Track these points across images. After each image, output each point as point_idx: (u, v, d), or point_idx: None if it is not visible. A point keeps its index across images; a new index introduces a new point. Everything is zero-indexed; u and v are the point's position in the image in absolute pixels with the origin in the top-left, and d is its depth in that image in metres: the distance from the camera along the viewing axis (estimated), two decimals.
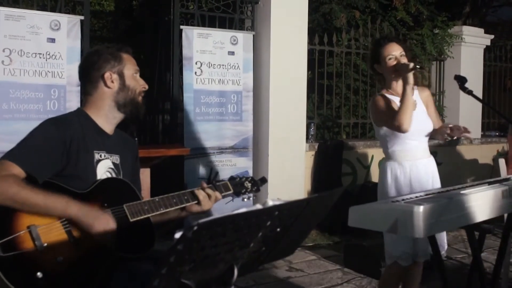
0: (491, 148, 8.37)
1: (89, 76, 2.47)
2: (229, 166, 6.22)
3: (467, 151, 8.20)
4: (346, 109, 7.67)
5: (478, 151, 8.22)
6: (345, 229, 4.24)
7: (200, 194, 2.44)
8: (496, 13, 12.57)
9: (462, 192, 2.60)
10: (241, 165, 6.31)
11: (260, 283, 4.76)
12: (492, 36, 8.80)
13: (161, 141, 6.86)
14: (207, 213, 2.41)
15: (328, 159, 6.73)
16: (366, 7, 8.15)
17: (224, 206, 2.53)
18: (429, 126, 3.47)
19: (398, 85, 3.43)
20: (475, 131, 8.52)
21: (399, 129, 3.26)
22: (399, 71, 3.34)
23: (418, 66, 3.38)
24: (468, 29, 8.58)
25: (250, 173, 6.30)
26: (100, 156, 2.42)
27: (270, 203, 1.67)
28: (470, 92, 3.11)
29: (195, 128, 6.06)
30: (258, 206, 1.64)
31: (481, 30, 8.74)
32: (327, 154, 6.74)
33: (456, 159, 8.03)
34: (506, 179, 3.02)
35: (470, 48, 8.50)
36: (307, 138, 6.85)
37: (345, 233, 6.00)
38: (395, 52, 3.41)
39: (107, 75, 2.45)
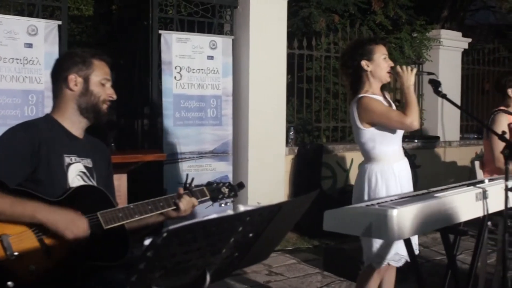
0: (469, 150, 8.45)
1: (56, 77, 2.49)
2: (209, 171, 6.20)
3: (446, 154, 8.27)
4: (325, 113, 7.70)
5: (456, 153, 8.29)
6: (325, 232, 4.24)
7: (176, 200, 2.44)
8: (474, 17, 12.72)
9: (436, 195, 2.63)
10: (221, 169, 6.30)
11: (240, 287, 4.75)
12: (470, 40, 8.88)
13: (140, 146, 6.84)
14: (185, 218, 2.40)
15: (307, 163, 6.75)
16: (345, 11, 8.19)
17: (204, 211, 2.53)
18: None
19: (377, 86, 3.45)
20: (454, 133, 8.60)
21: (411, 126, 3.25)
22: (400, 73, 3.34)
23: (423, 73, 3.41)
24: (446, 32, 8.66)
25: (230, 178, 6.30)
26: (71, 159, 2.41)
27: (242, 208, 1.67)
28: (444, 96, 3.13)
29: (174, 133, 6.05)
30: (229, 212, 1.64)
31: (459, 34, 8.82)
32: (306, 158, 6.76)
33: (435, 162, 8.09)
34: (481, 182, 3.05)
35: (448, 51, 8.58)
36: (287, 142, 6.86)
37: (325, 237, 6.01)
38: (386, 53, 3.46)
39: (71, 77, 2.44)
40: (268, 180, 6.37)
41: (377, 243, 3.32)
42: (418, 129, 3.51)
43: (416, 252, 3.47)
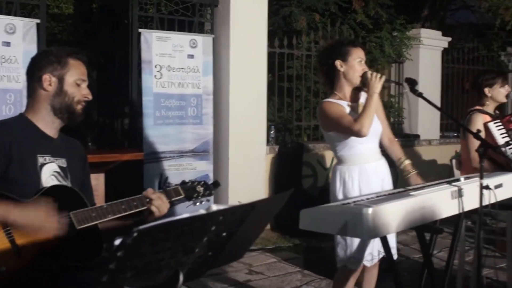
0: (449, 148, 8.49)
1: (30, 76, 2.46)
2: (189, 170, 6.19)
3: (426, 152, 8.32)
4: (307, 112, 7.71)
5: (437, 151, 8.35)
6: (306, 231, 4.25)
7: (151, 199, 2.42)
8: (454, 16, 12.81)
9: (411, 193, 2.64)
10: (201, 168, 6.28)
11: (220, 286, 4.75)
12: (450, 39, 8.95)
13: (120, 145, 6.80)
14: (162, 217, 2.39)
15: (288, 162, 6.76)
16: (325, 10, 8.21)
17: (185, 210, 2.51)
18: (379, 129, 3.50)
19: (349, 89, 3.46)
20: (434, 132, 8.66)
21: (359, 133, 3.25)
22: (368, 79, 3.35)
23: (391, 82, 3.46)
24: (426, 31, 8.71)
25: (211, 177, 6.30)
26: (45, 159, 2.38)
27: (214, 208, 1.67)
28: (420, 95, 3.15)
29: (154, 132, 6.03)
30: (202, 211, 1.63)
31: (439, 33, 8.88)
32: (287, 157, 6.77)
33: (415, 160, 8.04)
34: (456, 180, 3.07)
35: (428, 50, 8.63)
36: (268, 141, 6.87)
37: (306, 235, 6.00)
38: (363, 57, 3.47)
39: (45, 77, 2.41)
40: (249, 179, 6.38)
41: (349, 243, 3.32)
42: (398, 128, 3.53)
43: (395, 256, 3.48)
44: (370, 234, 2.30)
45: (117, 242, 1.43)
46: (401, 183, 3.61)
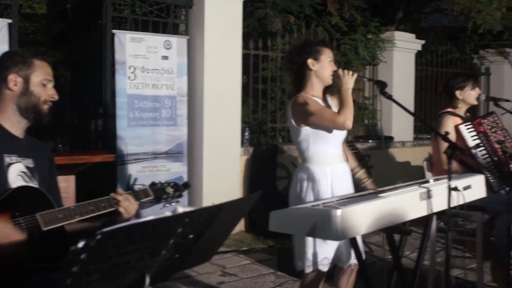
0: (423, 150, 8.57)
1: None
2: (163, 172, 6.16)
3: (400, 154, 8.39)
4: (281, 113, 7.72)
5: (410, 153, 8.42)
6: (280, 232, 4.27)
7: (118, 200, 2.41)
8: (429, 19, 12.92)
9: (380, 195, 2.66)
10: (175, 170, 6.27)
11: None
12: (423, 41, 9.03)
13: (94, 146, 6.75)
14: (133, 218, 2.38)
15: (263, 163, 6.78)
16: (300, 12, 8.24)
17: (159, 212, 2.50)
18: (344, 132, 3.51)
19: (319, 88, 3.49)
20: (408, 134, 8.73)
21: (343, 124, 3.26)
22: (341, 76, 3.37)
23: (362, 79, 3.50)
24: (399, 34, 8.78)
25: (185, 178, 6.28)
26: (11, 159, 2.37)
27: (180, 210, 1.67)
28: (390, 97, 3.18)
29: (128, 133, 5.99)
30: (167, 213, 1.63)
31: (413, 36, 8.96)
32: (262, 158, 6.79)
33: (388, 162, 8.21)
34: (426, 181, 3.10)
35: (402, 53, 8.71)
36: (242, 143, 6.87)
37: (280, 237, 6.00)
38: (332, 57, 3.49)
39: (10, 77, 2.40)
40: (223, 180, 6.37)
41: (307, 247, 3.31)
42: (373, 129, 3.56)
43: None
44: (339, 235, 2.31)
45: (80, 244, 1.42)
46: (378, 186, 3.63)
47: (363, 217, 2.45)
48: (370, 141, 8.08)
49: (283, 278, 5.00)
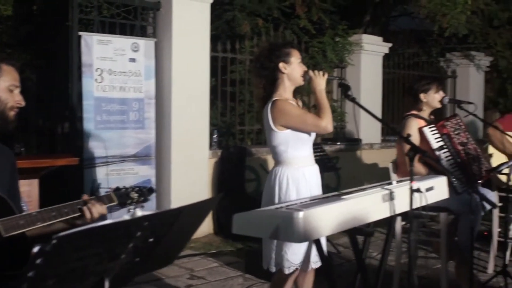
0: (390, 152, 8.64)
1: None
2: (131, 175, 6.13)
3: (368, 156, 8.46)
4: (250, 116, 7.74)
5: (378, 155, 8.49)
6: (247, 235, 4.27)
7: (82, 206, 2.39)
8: (397, 23, 13.08)
9: (343, 197, 2.68)
10: (143, 173, 6.23)
11: None
12: (391, 44, 9.12)
13: (61, 150, 6.68)
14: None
15: (231, 166, 6.78)
16: (268, 15, 8.27)
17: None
18: (314, 134, 3.55)
19: (291, 90, 3.51)
20: (375, 136, 8.81)
21: (326, 128, 3.31)
22: (312, 77, 3.39)
23: (336, 78, 3.55)
24: (367, 37, 8.86)
25: (153, 182, 6.26)
26: None
27: (139, 213, 1.66)
28: (353, 99, 3.21)
29: (95, 137, 5.95)
30: (126, 217, 1.63)
31: (380, 39, 9.04)
32: (230, 161, 6.79)
33: (356, 164, 8.27)
34: (389, 183, 3.14)
35: (370, 55, 8.78)
36: (211, 145, 6.87)
37: (248, 239, 6.02)
38: (300, 58, 3.52)
39: None
40: (192, 183, 6.36)
41: (275, 248, 3.34)
42: (341, 132, 3.60)
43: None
44: (301, 237, 2.32)
45: (36, 249, 1.41)
46: (342, 187, 3.67)
47: (325, 219, 2.47)
48: (339, 143, 8.14)
49: (251, 281, 5.00)
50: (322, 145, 6.79)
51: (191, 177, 6.40)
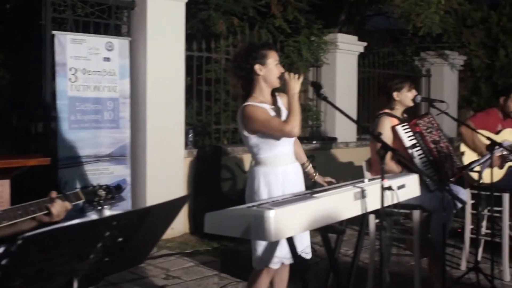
0: (366, 151, 8.66)
1: None
2: (106, 175, 6.10)
3: (344, 154, 8.51)
4: (226, 115, 7.73)
5: (354, 154, 8.54)
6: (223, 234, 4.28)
7: (48, 204, 2.38)
8: (373, 22, 13.16)
9: (315, 195, 2.70)
10: (118, 173, 6.20)
11: None
12: (365, 44, 9.18)
13: (34, 150, 6.62)
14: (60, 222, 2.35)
15: (207, 165, 6.77)
16: (244, 14, 8.27)
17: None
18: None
19: (268, 92, 3.51)
20: (351, 134, 8.86)
21: (291, 133, 3.30)
22: (287, 80, 3.39)
23: (309, 82, 3.57)
24: (342, 36, 8.91)
25: (128, 181, 6.23)
26: None
27: (107, 213, 1.66)
28: (324, 98, 3.23)
29: (69, 136, 5.91)
30: (94, 217, 1.62)
31: (355, 38, 9.09)
32: (206, 160, 6.78)
33: (332, 162, 8.31)
34: (361, 181, 3.16)
35: (345, 54, 8.83)
36: (186, 145, 6.86)
37: (224, 239, 6.02)
38: (278, 59, 3.52)
39: None
40: (167, 183, 6.35)
41: (263, 244, 3.37)
42: (317, 131, 3.61)
43: (308, 256, 3.54)
44: (272, 236, 2.33)
45: (0, 250, 1.40)
46: (318, 186, 3.68)
47: (297, 218, 2.48)
48: (314, 142, 8.18)
49: (227, 280, 5.01)
50: None
51: (166, 177, 6.38)
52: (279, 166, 3.46)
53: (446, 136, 4.75)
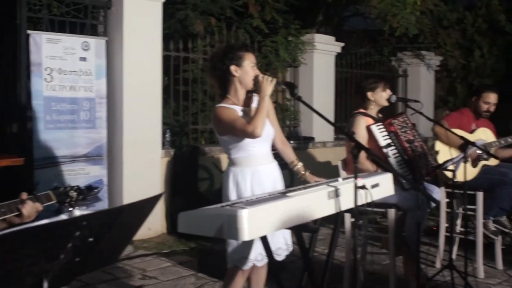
0: (343, 150, 8.69)
1: None
2: (82, 175, 6.06)
3: (321, 154, 8.55)
4: (203, 115, 7.73)
5: (331, 153, 8.58)
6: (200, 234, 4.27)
7: (19, 205, 2.37)
8: (351, 22, 13.23)
9: (289, 194, 2.71)
10: (95, 173, 6.17)
11: None
12: (343, 44, 9.22)
13: (10, 150, 6.54)
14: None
15: (184, 165, 6.76)
16: (221, 14, 8.27)
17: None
18: (271, 132, 3.58)
19: (242, 93, 3.52)
20: (328, 134, 8.90)
21: (253, 134, 3.30)
22: (260, 82, 3.40)
23: (283, 86, 3.58)
24: (319, 36, 8.94)
25: (105, 182, 6.21)
26: None
27: (77, 213, 1.66)
28: (299, 98, 3.25)
29: (45, 137, 5.86)
30: (63, 217, 1.62)
31: (332, 38, 9.14)
32: (183, 160, 6.77)
33: (310, 162, 8.34)
34: (335, 181, 3.18)
35: (322, 55, 8.87)
36: (163, 145, 6.84)
37: (201, 238, 6.02)
38: (254, 61, 3.53)
39: None
40: (144, 183, 6.32)
41: (234, 244, 3.38)
42: (294, 130, 3.61)
43: (280, 258, 3.54)
44: (245, 235, 2.34)
45: None
46: (296, 185, 3.69)
47: (270, 217, 2.50)
48: (292, 142, 8.18)
49: (203, 280, 5.01)
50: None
51: (143, 177, 6.36)
52: (249, 166, 3.47)
53: (420, 135, 4.80)
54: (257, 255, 3.42)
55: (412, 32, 9.32)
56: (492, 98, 5.47)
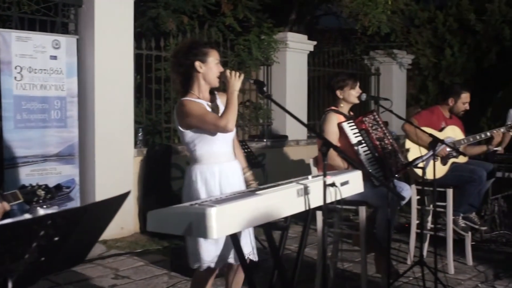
0: (316, 148, 8.81)
1: None
2: (54, 175, 6.01)
3: (294, 152, 8.59)
4: None
5: (304, 151, 8.61)
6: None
7: None
8: (324, 21, 13.32)
9: (258, 192, 2.72)
10: (67, 173, 6.12)
11: None
12: (315, 42, 9.26)
13: None
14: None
15: (157, 164, 6.74)
16: (194, 12, 8.25)
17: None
18: (234, 130, 3.56)
19: (206, 89, 3.51)
20: (302, 132, 8.93)
21: (225, 127, 3.28)
22: (228, 78, 3.39)
23: (251, 81, 3.57)
24: (292, 35, 8.97)
25: (77, 181, 6.17)
26: None
27: (41, 212, 1.65)
28: (268, 96, 3.26)
29: (16, 136, 5.80)
30: (27, 216, 1.61)
31: (305, 37, 9.17)
32: (156, 159, 6.75)
33: (283, 160, 8.38)
34: (304, 178, 3.19)
35: (295, 53, 8.90)
36: (136, 144, 6.81)
37: (175, 238, 6.01)
38: (219, 59, 3.51)
39: None
40: (116, 182, 6.28)
41: (198, 244, 3.33)
42: (267, 129, 3.60)
43: (254, 250, 3.53)
44: (214, 233, 2.34)
45: None
46: (270, 183, 3.69)
47: (239, 215, 2.50)
48: (265, 140, 8.23)
49: (176, 279, 5.00)
50: (248, 142, 6.85)
51: (116, 176, 6.32)
52: (215, 164, 3.44)
53: (392, 133, 4.85)
54: (210, 260, 3.35)
55: (384, 31, 9.40)
56: (468, 97, 5.57)
